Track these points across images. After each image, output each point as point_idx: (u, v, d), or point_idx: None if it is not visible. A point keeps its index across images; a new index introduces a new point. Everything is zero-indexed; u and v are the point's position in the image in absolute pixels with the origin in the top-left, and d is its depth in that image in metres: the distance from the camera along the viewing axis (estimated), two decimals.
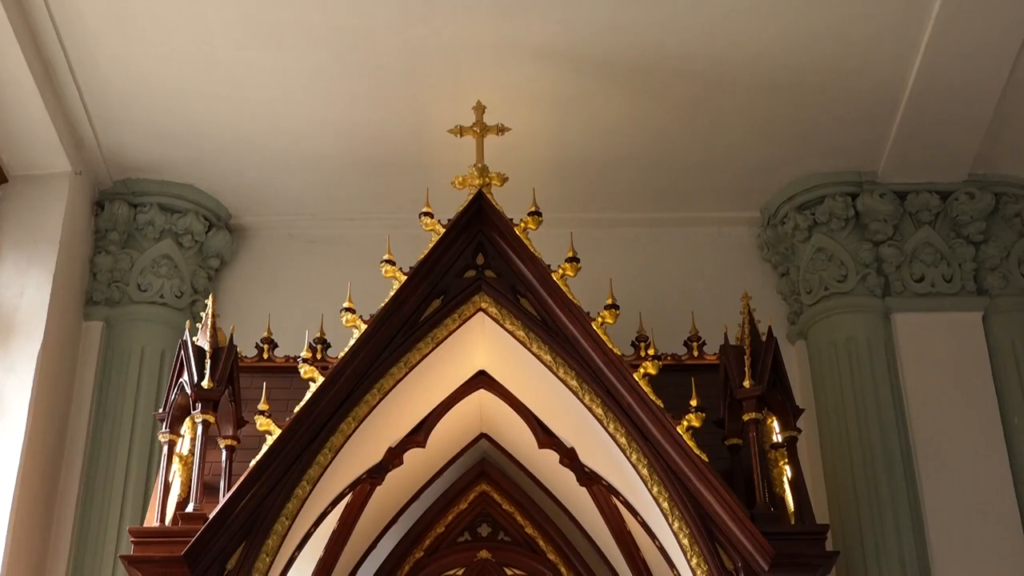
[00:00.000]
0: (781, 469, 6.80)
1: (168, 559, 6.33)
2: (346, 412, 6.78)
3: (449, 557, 8.32)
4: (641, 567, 7.65)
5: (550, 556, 8.27)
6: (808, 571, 6.48)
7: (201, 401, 6.75)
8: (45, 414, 8.08)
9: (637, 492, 6.85)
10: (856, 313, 8.71)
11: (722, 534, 6.50)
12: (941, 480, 8.14)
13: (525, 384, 7.35)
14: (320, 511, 7.00)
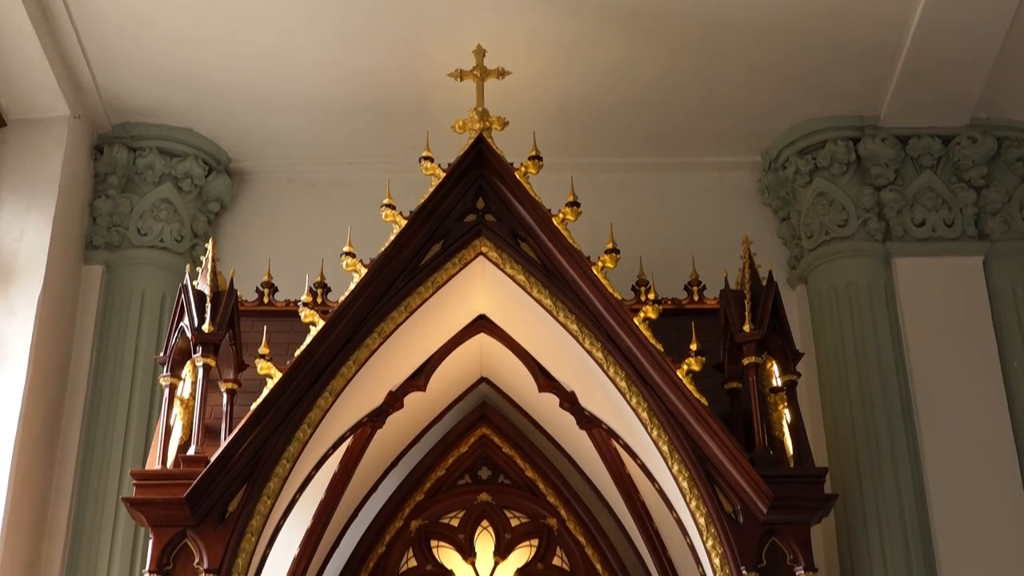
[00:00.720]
0: (780, 413, 6.81)
1: (170, 501, 6.37)
2: (346, 356, 6.80)
3: (449, 500, 8.38)
4: (640, 510, 7.69)
5: (550, 499, 8.32)
6: (806, 514, 6.52)
7: (202, 345, 6.76)
8: (46, 358, 8.10)
9: (637, 435, 6.87)
10: (856, 258, 8.70)
11: (721, 477, 6.53)
12: (940, 423, 8.17)
13: (525, 328, 7.36)
14: (321, 454, 7.03)
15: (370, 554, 8.16)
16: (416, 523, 8.28)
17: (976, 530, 7.89)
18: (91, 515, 8.06)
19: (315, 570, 7.84)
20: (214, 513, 6.41)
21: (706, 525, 6.48)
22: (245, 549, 6.38)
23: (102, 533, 7.99)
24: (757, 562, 6.40)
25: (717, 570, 6.42)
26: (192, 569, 6.35)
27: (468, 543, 8.27)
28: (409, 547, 8.26)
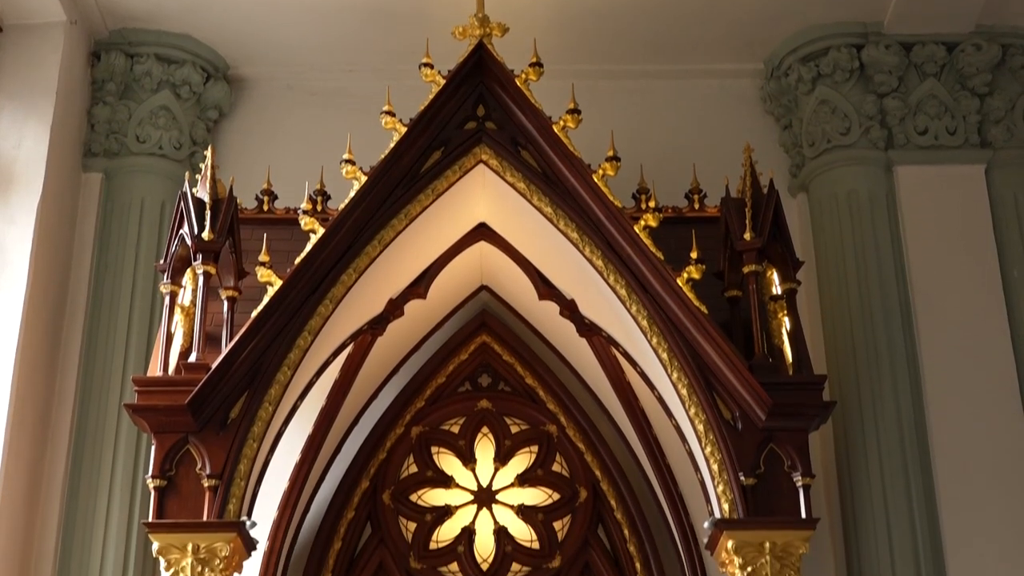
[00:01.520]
0: (780, 321, 6.83)
1: (172, 408, 6.41)
2: (347, 264, 6.80)
3: (450, 407, 8.43)
4: (639, 417, 7.74)
5: (550, 406, 8.37)
6: (805, 420, 6.56)
7: (202, 252, 6.75)
8: (46, 265, 8.11)
9: (636, 343, 6.90)
10: (858, 166, 8.67)
11: (720, 384, 6.56)
12: (939, 332, 8.19)
13: (525, 236, 7.36)
14: (322, 361, 7.06)
15: (371, 460, 8.23)
16: (417, 430, 8.34)
17: (973, 437, 7.94)
18: (93, 422, 8.11)
19: (316, 476, 7.91)
20: (216, 419, 6.46)
21: (705, 432, 6.53)
22: (247, 455, 6.43)
23: (104, 439, 8.05)
24: (755, 468, 6.46)
25: (715, 476, 6.47)
26: (194, 475, 6.41)
27: (468, 449, 8.34)
28: (410, 453, 8.32)
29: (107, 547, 7.83)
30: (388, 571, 8.10)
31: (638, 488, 8.09)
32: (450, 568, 8.11)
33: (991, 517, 7.78)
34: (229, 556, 6.27)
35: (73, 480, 8.00)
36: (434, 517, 8.20)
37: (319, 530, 8.03)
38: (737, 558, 6.33)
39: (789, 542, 6.36)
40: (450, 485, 8.27)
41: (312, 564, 7.95)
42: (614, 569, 8.06)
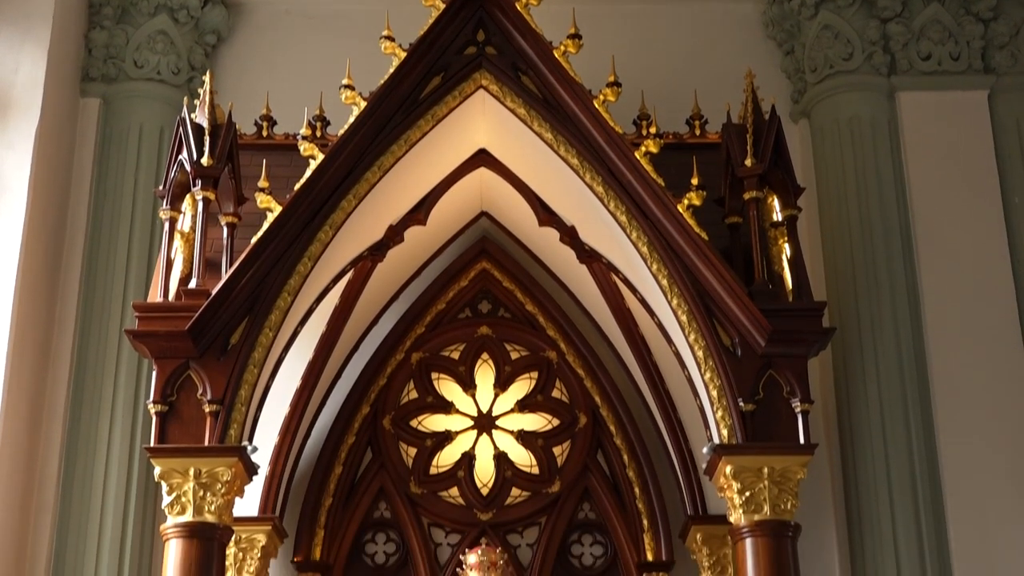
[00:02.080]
0: (780, 247, 6.82)
1: (173, 333, 6.42)
2: (346, 190, 6.78)
3: (450, 333, 8.45)
4: (639, 343, 7.76)
5: (549, 332, 8.38)
6: (804, 347, 6.58)
7: (201, 178, 6.73)
8: (45, 191, 8.09)
9: (636, 269, 6.90)
10: (861, 92, 8.61)
11: (720, 310, 6.57)
12: (939, 258, 8.19)
13: (526, 162, 7.33)
14: (322, 287, 7.06)
15: (371, 386, 8.26)
16: (417, 356, 8.36)
17: (971, 363, 7.97)
18: (94, 348, 8.13)
19: (317, 402, 7.95)
20: (216, 345, 6.47)
21: (704, 358, 6.55)
22: (248, 380, 6.45)
23: (105, 365, 8.07)
24: (754, 394, 6.48)
25: (714, 402, 6.50)
26: (195, 400, 6.44)
27: (468, 375, 8.37)
28: (410, 379, 8.36)
29: (109, 472, 7.88)
30: (389, 496, 8.16)
31: (637, 414, 8.13)
32: (450, 493, 8.17)
33: (988, 443, 7.82)
34: (230, 481, 6.31)
35: (75, 406, 8.03)
36: (434, 442, 8.25)
37: (320, 455, 8.08)
38: (736, 483, 6.37)
39: (787, 467, 6.40)
40: (450, 411, 8.31)
41: (313, 489, 8.01)
42: (613, 494, 8.11)
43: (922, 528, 7.71)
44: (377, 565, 8.10)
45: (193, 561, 6.15)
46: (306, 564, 7.89)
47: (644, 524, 7.99)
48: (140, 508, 7.86)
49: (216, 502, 6.27)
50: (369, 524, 8.15)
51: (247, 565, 7.42)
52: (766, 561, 6.23)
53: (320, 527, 7.96)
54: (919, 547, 7.67)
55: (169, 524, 6.28)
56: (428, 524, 8.14)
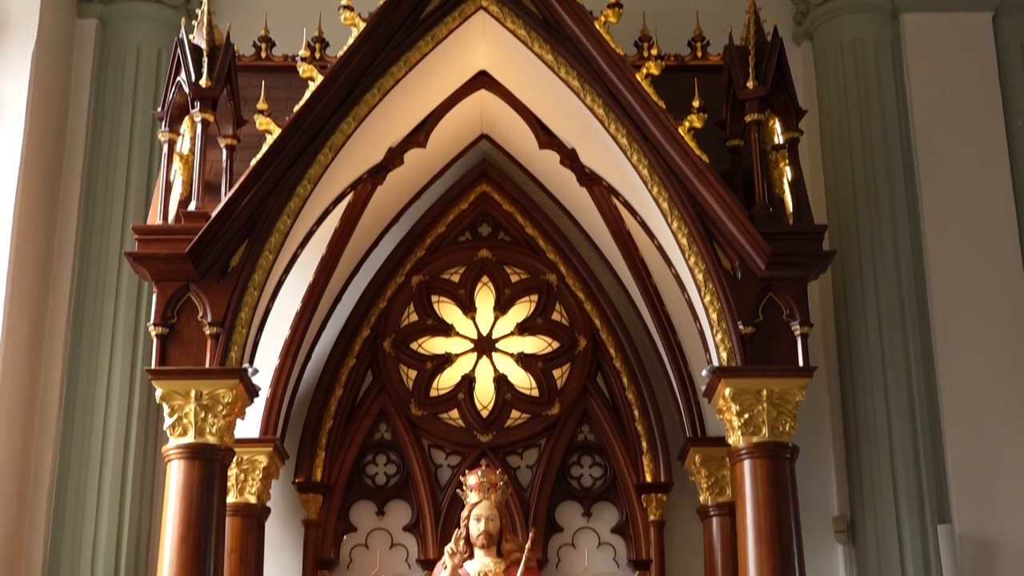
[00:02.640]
0: (781, 170, 6.79)
1: (172, 256, 6.42)
2: (346, 111, 6.74)
3: (450, 256, 8.45)
4: (639, 266, 7.76)
5: (549, 255, 8.38)
6: (804, 270, 6.57)
7: (199, 100, 6.68)
8: (43, 114, 8.05)
9: (637, 192, 6.88)
10: (864, 13, 8.54)
11: (720, 234, 6.56)
12: (940, 181, 8.16)
13: (526, 84, 7.29)
14: (322, 210, 7.05)
15: (371, 309, 8.28)
16: (417, 279, 8.37)
17: (971, 286, 7.97)
18: (94, 270, 8.13)
19: (317, 324, 7.97)
20: (216, 268, 6.47)
21: (704, 281, 6.55)
22: (248, 303, 6.46)
23: (106, 288, 8.08)
24: (753, 317, 6.49)
25: (714, 325, 6.51)
26: (196, 323, 6.45)
27: (468, 298, 8.38)
28: (410, 302, 8.37)
29: (111, 394, 7.92)
30: (389, 418, 8.20)
31: (637, 337, 8.16)
32: (450, 415, 8.21)
33: (987, 365, 7.85)
34: (231, 403, 6.34)
35: (75, 329, 8.05)
36: (434, 365, 8.28)
37: (320, 377, 8.11)
38: (734, 405, 6.40)
39: (786, 390, 6.42)
40: (450, 333, 8.33)
41: (314, 411, 8.05)
42: (612, 416, 8.16)
43: (919, 449, 7.76)
44: (378, 486, 8.16)
45: (195, 482, 6.19)
46: (307, 485, 7.96)
47: (643, 446, 8.04)
48: (142, 430, 7.90)
49: (217, 424, 6.30)
50: (370, 446, 8.20)
51: (248, 486, 7.48)
52: (764, 482, 6.26)
53: (321, 449, 8.01)
54: (916, 468, 7.72)
55: (171, 445, 6.31)
56: (428, 446, 8.19)
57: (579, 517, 8.12)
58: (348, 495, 8.10)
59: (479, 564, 7.08)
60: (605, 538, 8.09)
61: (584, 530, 8.12)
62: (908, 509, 7.68)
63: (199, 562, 6.05)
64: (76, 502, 7.74)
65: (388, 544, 8.10)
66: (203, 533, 6.10)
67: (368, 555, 8.08)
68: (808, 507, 7.21)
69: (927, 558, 7.59)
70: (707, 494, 7.66)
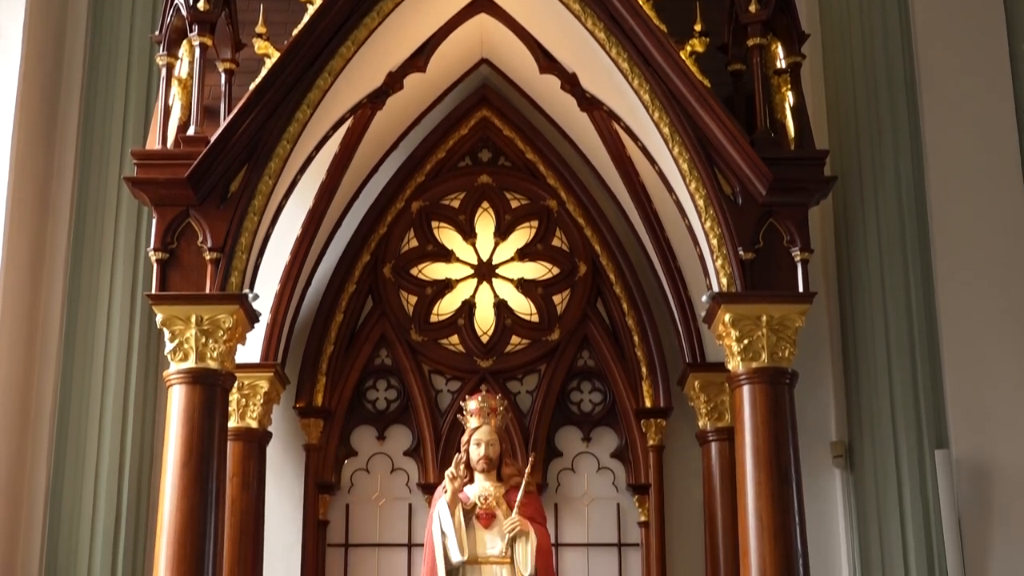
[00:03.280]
0: (783, 95, 6.75)
1: (172, 181, 6.40)
2: (345, 35, 6.69)
3: (450, 182, 8.43)
4: (640, 192, 7.75)
5: (550, 181, 8.36)
6: (805, 195, 6.56)
7: (198, 23, 6.63)
8: (40, 37, 7.99)
9: (638, 117, 6.84)
10: None
11: (721, 159, 6.54)
12: (943, 107, 8.08)
13: (527, 8, 7.23)
14: (321, 135, 7.02)
15: (372, 234, 8.27)
16: (417, 204, 8.36)
17: (973, 212, 7.92)
18: (93, 195, 8.10)
19: (317, 250, 7.96)
20: (216, 193, 6.45)
21: (705, 207, 6.53)
22: (248, 228, 6.45)
23: (105, 213, 8.06)
24: (754, 243, 6.49)
25: (714, 250, 6.51)
26: (196, 248, 6.44)
27: (469, 224, 8.38)
28: (410, 228, 8.37)
29: (111, 320, 7.93)
30: (390, 343, 8.22)
31: (637, 263, 8.16)
32: (451, 340, 8.24)
33: (987, 292, 7.82)
34: (232, 328, 6.35)
35: (75, 254, 8.04)
36: (435, 290, 8.29)
37: (321, 303, 8.12)
38: (734, 331, 6.41)
39: (786, 316, 6.43)
40: (450, 259, 8.33)
41: (315, 336, 8.07)
42: (612, 342, 8.18)
43: (918, 375, 7.78)
44: (378, 411, 8.20)
45: (196, 407, 6.22)
46: (308, 410, 8.00)
47: (643, 371, 8.07)
48: (143, 355, 7.92)
49: (218, 348, 6.32)
50: (370, 371, 8.23)
51: (250, 411, 7.51)
52: (763, 408, 6.29)
53: (322, 374, 8.04)
54: (914, 394, 7.75)
55: (172, 370, 6.33)
56: (429, 371, 8.22)
57: (579, 442, 8.17)
58: (349, 420, 8.14)
59: (479, 488, 7.14)
60: (604, 463, 8.14)
61: (584, 455, 8.17)
62: (906, 434, 7.71)
63: (201, 486, 6.09)
64: (78, 427, 7.77)
65: (389, 468, 8.16)
66: (205, 457, 6.14)
67: (369, 479, 8.14)
68: (806, 432, 7.24)
69: (924, 483, 7.63)
70: (706, 419, 7.70)
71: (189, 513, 6.04)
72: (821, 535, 7.67)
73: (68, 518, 7.64)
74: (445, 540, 6.92)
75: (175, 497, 6.08)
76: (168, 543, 6.02)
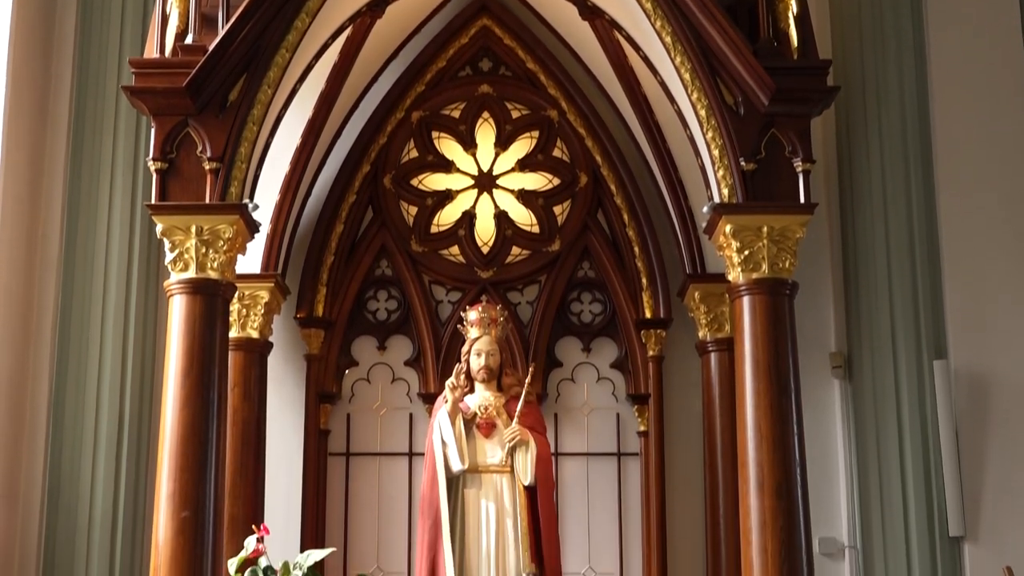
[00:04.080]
0: (786, 4, 6.64)
1: (170, 90, 6.35)
2: None
3: (450, 91, 8.38)
4: (641, 102, 7.70)
5: (551, 91, 8.31)
6: (808, 105, 6.51)
7: None
8: None
9: (640, 26, 6.78)
10: None
11: (723, 68, 6.48)
12: (948, 16, 7.99)
13: None
14: (320, 43, 6.95)
15: (372, 144, 8.24)
16: (417, 114, 8.31)
17: (976, 122, 7.89)
18: (92, 105, 8.05)
19: (317, 160, 7.93)
20: (215, 102, 6.41)
21: (707, 117, 6.49)
22: (247, 138, 6.42)
23: (104, 123, 8.01)
24: (755, 153, 6.46)
25: (716, 161, 6.48)
26: (195, 158, 6.42)
27: (469, 134, 8.34)
28: (410, 138, 8.33)
29: (111, 230, 7.91)
30: (390, 253, 8.22)
31: (638, 173, 8.13)
32: (451, 251, 8.23)
33: (989, 202, 7.83)
34: (232, 238, 6.35)
35: (74, 164, 8.00)
36: (435, 201, 8.27)
37: (321, 213, 8.11)
38: (735, 242, 6.40)
39: (787, 227, 6.42)
40: (451, 169, 8.31)
41: (315, 247, 8.07)
42: (613, 252, 8.18)
43: (918, 286, 7.80)
44: (379, 321, 8.22)
45: (197, 317, 6.24)
46: (309, 320, 8.02)
47: (643, 282, 8.08)
48: (143, 266, 7.91)
49: (218, 259, 6.32)
50: (371, 281, 8.24)
51: (250, 321, 7.53)
52: (763, 318, 6.30)
53: (322, 284, 8.05)
54: (914, 304, 7.78)
55: (173, 280, 6.34)
56: (429, 282, 8.23)
57: (578, 352, 8.20)
58: (349, 330, 8.17)
59: (479, 398, 7.19)
60: (604, 373, 8.18)
61: (583, 365, 8.20)
62: (905, 345, 7.75)
63: (202, 396, 6.13)
64: (79, 338, 7.79)
65: (389, 378, 8.19)
66: (206, 367, 6.17)
67: (369, 389, 8.18)
68: (806, 343, 7.25)
69: (922, 393, 7.68)
70: (706, 330, 7.73)
71: (191, 423, 6.08)
72: (819, 445, 7.71)
73: (70, 428, 7.68)
74: (446, 449, 6.97)
75: (177, 407, 6.11)
76: (170, 452, 6.07)
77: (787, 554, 6.01)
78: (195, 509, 6.00)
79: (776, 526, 6.04)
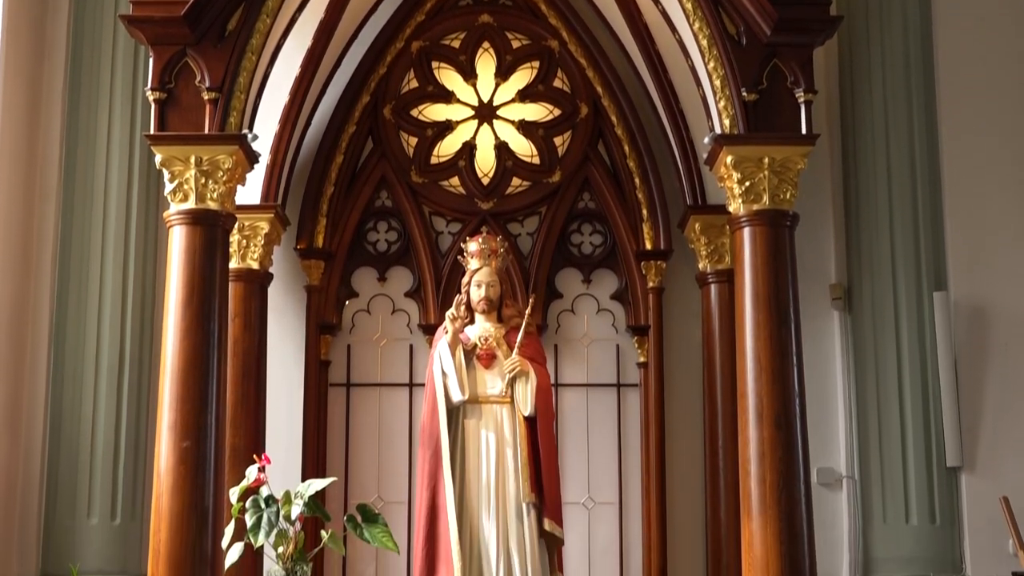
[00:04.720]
0: None
1: (168, 19, 6.31)
2: None
3: (450, 21, 8.32)
4: (642, 32, 7.64)
5: (551, 21, 8.26)
6: (810, 36, 6.47)
7: None
8: None
9: None
10: None
11: None
12: None
13: None
14: None
15: (371, 75, 8.19)
16: (417, 44, 8.26)
17: (979, 52, 7.87)
18: (90, 34, 7.99)
19: (316, 90, 7.89)
20: (213, 31, 6.37)
21: (708, 47, 6.46)
22: (246, 68, 6.39)
23: (102, 52, 7.96)
24: (757, 84, 6.42)
25: (717, 91, 6.45)
26: (194, 88, 6.38)
27: (469, 64, 8.29)
28: (410, 68, 8.28)
29: (110, 160, 7.89)
30: (390, 184, 8.20)
31: (639, 104, 8.09)
32: (451, 182, 8.21)
33: (990, 136, 7.82)
34: (232, 168, 6.33)
35: (72, 94, 7.96)
36: (435, 132, 8.24)
37: (320, 144, 8.08)
38: (736, 173, 6.39)
39: (788, 158, 6.40)
40: (451, 100, 8.27)
41: (315, 178, 8.05)
42: (613, 184, 8.16)
43: (918, 218, 7.81)
44: (379, 253, 8.22)
45: (197, 247, 6.24)
46: (309, 251, 8.02)
47: (643, 214, 8.07)
48: (143, 196, 7.89)
49: (218, 189, 6.31)
50: (371, 212, 8.23)
51: (251, 252, 7.53)
52: (763, 249, 6.30)
53: (322, 215, 8.04)
54: (914, 236, 7.80)
55: (172, 211, 6.33)
56: (429, 213, 8.22)
57: (579, 283, 8.21)
58: (350, 261, 8.17)
59: (480, 329, 7.19)
60: (604, 304, 8.19)
61: (584, 296, 8.21)
62: (905, 276, 7.77)
63: (203, 326, 6.14)
64: (79, 269, 7.79)
65: (390, 309, 8.21)
66: (206, 297, 6.18)
67: (370, 320, 8.20)
68: (806, 274, 7.25)
69: (922, 325, 7.71)
70: (706, 261, 7.73)
71: (191, 353, 6.11)
72: (819, 376, 7.74)
73: (71, 358, 7.71)
74: (446, 380, 6.99)
75: (177, 337, 6.13)
76: (171, 383, 6.10)
77: (785, 484, 6.06)
78: (196, 439, 6.03)
79: (775, 457, 6.08)
